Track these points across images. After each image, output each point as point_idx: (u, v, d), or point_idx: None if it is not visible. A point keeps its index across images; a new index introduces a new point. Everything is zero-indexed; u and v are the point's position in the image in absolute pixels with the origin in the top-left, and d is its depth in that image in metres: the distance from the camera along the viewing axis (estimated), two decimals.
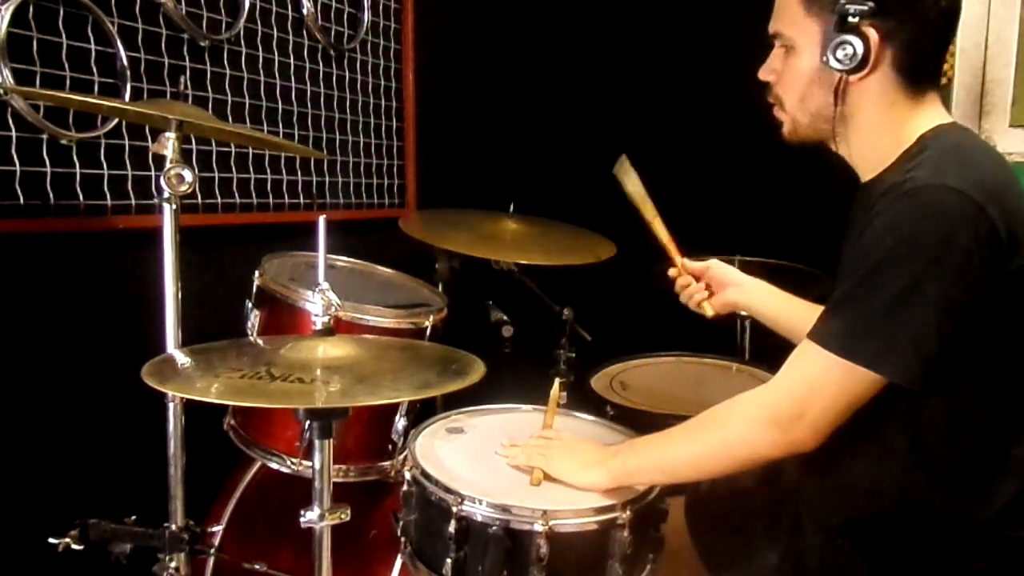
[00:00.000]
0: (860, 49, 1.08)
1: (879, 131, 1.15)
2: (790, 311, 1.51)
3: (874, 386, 1.04)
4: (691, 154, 2.91)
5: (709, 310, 1.56)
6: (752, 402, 1.15)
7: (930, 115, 1.14)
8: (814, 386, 1.08)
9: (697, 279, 1.57)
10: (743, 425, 1.14)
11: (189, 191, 1.26)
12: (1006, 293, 1.03)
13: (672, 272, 1.60)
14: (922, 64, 1.13)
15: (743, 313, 2.26)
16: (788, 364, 1.13)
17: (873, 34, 1.08)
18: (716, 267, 1.57)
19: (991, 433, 1.08)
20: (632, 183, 1.60)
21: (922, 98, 1.14)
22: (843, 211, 1.26)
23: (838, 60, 1.09)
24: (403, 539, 1.29)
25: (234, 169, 2.00)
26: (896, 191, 1.03)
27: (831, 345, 1.05)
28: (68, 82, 1.61)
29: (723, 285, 1.55)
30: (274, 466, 1.52)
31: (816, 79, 1.15)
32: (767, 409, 1.12)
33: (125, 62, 1.70)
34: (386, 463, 1.56)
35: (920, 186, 1.02)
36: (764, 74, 1.24)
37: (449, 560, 1.17)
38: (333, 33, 2.28)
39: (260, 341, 1.47)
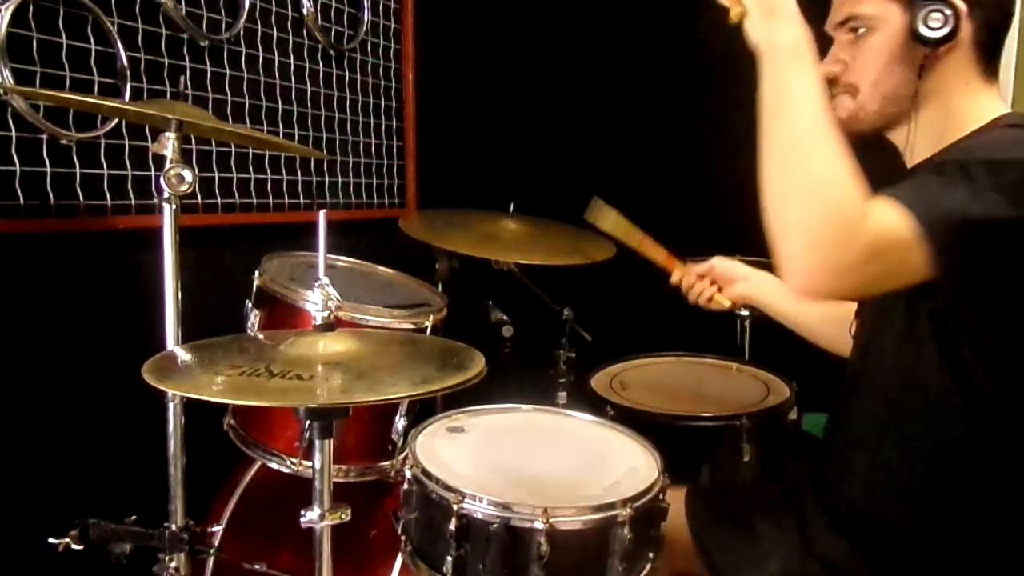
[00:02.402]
0: (951, 16, 1.07)
1: (951, 113, 1.14)
2: (797, 303, 1.51)
3: (908, 247, 0.93)
4: (692, 153, 2.91)
5: (725, 301, 1.55)
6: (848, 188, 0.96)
7: (997, 104, 1.15)
8: (874, 221, 0.94)
9: (703, 278, 1.57)
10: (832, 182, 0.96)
11: (189, 191, 1.26)
12: None
13: (675, 277, 1.59)
14: (996, 42, 1.14)
15: (744, 313, 2.27)
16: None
17: (960, 4, 1.08)
18: (720, 265, 1.57)
19: None
20: (609, 223, 1.59)
21: (993, 84, 1.15)
22: None
23: (929, 28, 1.08)
24: (403, 538, 1.28)
25: (234, 169, 2.00)
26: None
27: (896, 196, 0.96)
28: (68, 82, 1.61)
29: (730, 280, 1.55)
30: (274, 466, 1.51)
31: (898, 56, 1.13)
32: (849, 200, 0.95)
33: (125, 62, 1.70)
34: (386, 463, 1.55)
35: (1017, 123, 1.04)
36: (830, 65, 1.19)
37: (450, 558, 1.17)
38: (333, 33, 2.28)
39: (260, 335, 1.46)
